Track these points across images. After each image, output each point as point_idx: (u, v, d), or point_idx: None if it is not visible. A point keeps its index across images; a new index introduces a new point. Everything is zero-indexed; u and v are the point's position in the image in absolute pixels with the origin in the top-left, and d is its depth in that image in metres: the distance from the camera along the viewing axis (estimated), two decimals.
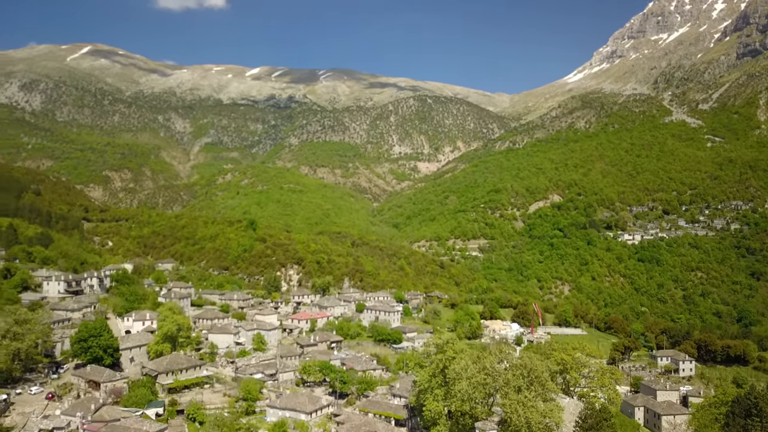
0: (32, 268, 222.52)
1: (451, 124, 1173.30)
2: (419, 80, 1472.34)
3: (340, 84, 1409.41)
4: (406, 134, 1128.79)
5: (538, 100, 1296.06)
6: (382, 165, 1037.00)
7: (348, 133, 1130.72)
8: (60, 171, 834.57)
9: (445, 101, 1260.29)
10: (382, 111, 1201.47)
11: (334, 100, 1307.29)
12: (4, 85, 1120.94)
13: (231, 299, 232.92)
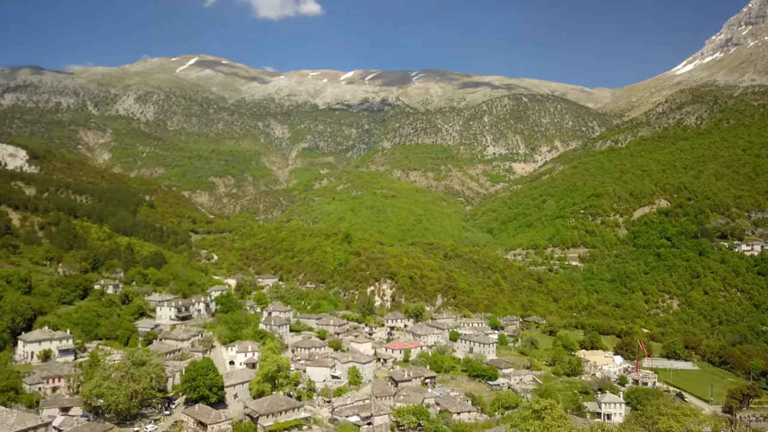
0: (146, 291, 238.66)
1: (548, 123, 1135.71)
2: (514, 78, 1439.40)
3: (433, 85, 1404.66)
4: (501, 134, 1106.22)
5: (643, 94, 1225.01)
6: (476, 167, 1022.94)
7: (440, 134, 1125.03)
8: (170, 178, 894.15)
9: (542, 99, 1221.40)
10: (476, 111, 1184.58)
11: (427, 101, 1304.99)
12: (122, 97, 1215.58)
13: (327, 324, 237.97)
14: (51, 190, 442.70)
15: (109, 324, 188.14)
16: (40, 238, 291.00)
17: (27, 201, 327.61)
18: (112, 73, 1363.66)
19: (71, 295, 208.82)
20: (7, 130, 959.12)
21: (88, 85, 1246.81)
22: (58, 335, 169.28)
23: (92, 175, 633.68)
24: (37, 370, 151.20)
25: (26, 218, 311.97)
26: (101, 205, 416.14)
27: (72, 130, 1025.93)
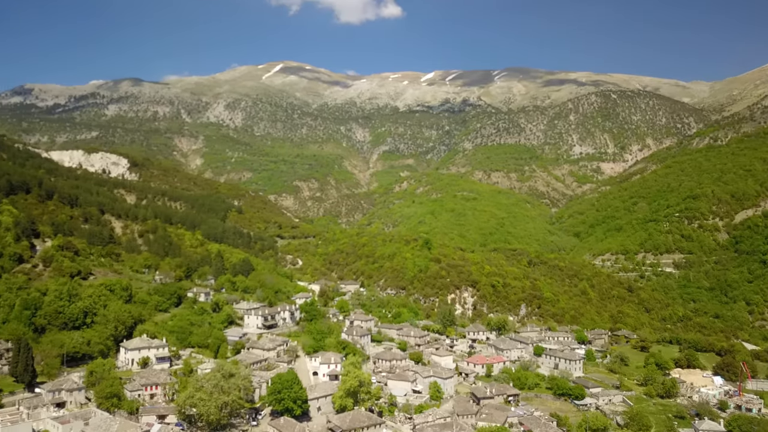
0: (235, 299, 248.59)
1: (639, 120, 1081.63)
2: (601, 73, 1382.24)
3: (515, 83, 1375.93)
4: (588, 133, 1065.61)
5: (746, 87, 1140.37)
6: (561, 167, 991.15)
7: (524, 134, 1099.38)
8: (257, 182, 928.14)
9: (632, 95, 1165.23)
10: (561, 109, 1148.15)
11: (509, 100, 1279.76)
12: (213, 105, 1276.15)
13: (408, 336, 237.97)
14: (149, 198, 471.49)
15: (201, 332, 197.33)
16: (139, 245, 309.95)
17: (128, 210, 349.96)
18: (203, 82, 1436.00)
19: (167, 303, 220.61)
20: (111, 139, 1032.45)
21: (182, 95, 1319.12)
22: (156, 343, 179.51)
23: (185, 181, 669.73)
24: (137, 377, 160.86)
25: (127, 226, 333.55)
26: (194, 213, 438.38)
27: (168, 137, 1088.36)
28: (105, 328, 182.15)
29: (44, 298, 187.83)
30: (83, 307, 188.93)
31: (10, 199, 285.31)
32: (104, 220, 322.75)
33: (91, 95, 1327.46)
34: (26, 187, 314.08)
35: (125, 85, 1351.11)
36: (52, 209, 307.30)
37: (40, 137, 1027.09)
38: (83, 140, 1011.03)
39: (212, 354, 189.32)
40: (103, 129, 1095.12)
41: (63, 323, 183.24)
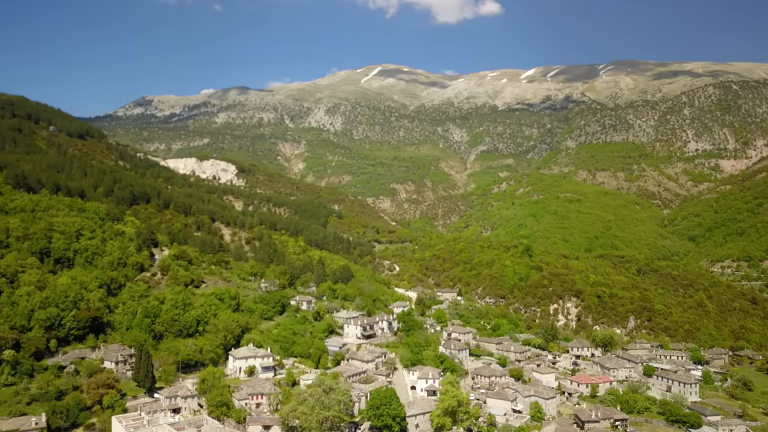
0: (335, 307, 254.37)
1: (765, 112, 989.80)
2: (720, 62, 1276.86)
3: (623, 77, 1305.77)
4: (704, 128, 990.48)
5: None
6: (674, 165, 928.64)
7: (632, 131, 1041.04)
8: (356, 185, 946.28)
9: (756, 85, 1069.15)
10: (674, 103, 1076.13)
11: (616, 95, 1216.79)
12: (314, 110, 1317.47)
13: (508, 350, 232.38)
14: (255, 204, 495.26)
15: (304, 342, 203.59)
16: (246, 252, 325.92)
17: (236, 218, 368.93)
18: (305, 88, 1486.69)
19: (272, 311, 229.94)
20: (220, 145, 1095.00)
21: (285, 101, 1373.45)
22: (261, 353, 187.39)
23: (288, 186, 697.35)
24: (244, 386, 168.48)
25: (235, 233, 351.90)
26: (296, 219, 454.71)
27: (272, 142, 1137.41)
28: (215, 337, 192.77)
29: (162, 306, 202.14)
30: (196, 316, 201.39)
31: (132, 210, 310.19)
32: (214, 227, 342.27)
33: (202, 104, 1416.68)
34: (146, 197, 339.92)
35: (233, 93, 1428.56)
36: (168, 218, 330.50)
37: (158, 145, 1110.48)
38: (196, 147, 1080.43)
39: (314, 364, 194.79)
40: (213, 136, 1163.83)
41: (178, 330, 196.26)
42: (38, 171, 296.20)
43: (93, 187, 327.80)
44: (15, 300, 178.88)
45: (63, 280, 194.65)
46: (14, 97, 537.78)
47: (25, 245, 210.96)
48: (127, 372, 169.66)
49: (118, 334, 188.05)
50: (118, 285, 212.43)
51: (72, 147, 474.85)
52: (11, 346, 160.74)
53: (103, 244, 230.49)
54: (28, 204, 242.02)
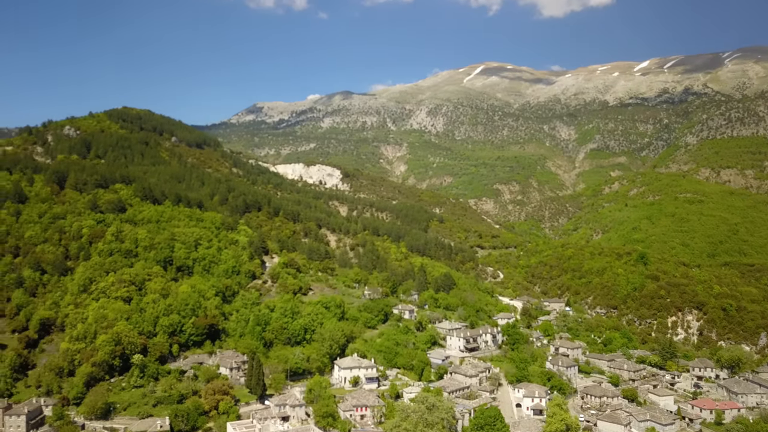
0: (437, 317, 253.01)
1: None
2: None
3: (752, 65, 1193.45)
4: None
5: None
6: None
7: (763, 124, 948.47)
8: (458, 186, 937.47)
9: None
10: None
11: (743, 85, 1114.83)
12: (416, 112, 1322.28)
13: (621, 368, 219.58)
14: (359, 209, 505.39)
15: (406, 354, 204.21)
16: (350, 258, 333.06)
17: (341, 224, 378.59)
18: (407, 90, 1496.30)
19: (375, 320, 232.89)
20: (325, 150, 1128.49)
21: (388, 104, 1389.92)
22: (365, 363, 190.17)
23: (390, 190, 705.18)
24: (349, 397, 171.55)
25: (340, 240, 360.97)
26: (398, 224, 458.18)
27: (375, 146, 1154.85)
28: (321, 346, 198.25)
29: (272, 314, 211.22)
30: (303, 324, 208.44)
31: (245, 218, 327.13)
32: (321, 234, 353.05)
33: (309, 110, 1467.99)
34: (258, 205, 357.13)
35: (337, 98, 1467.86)
36: (278, 225, 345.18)
37: (268, 150, 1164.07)
38: (303, 151, 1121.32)
39: (417, 377, 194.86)
40: (319, 140, 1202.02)
41: (287, 338, 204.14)
42: (162, 183, 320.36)
43: (210, 196, 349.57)
44: (143, 306, 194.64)
45: (183, 288, 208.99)
46: (142, 111, 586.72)
47: (151, 254, 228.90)
48: (240, 378, 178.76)
49: (232, 340, 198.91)
50: (232, 292, 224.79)
51: (191, 156, 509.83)
52: (139, 350, 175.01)
53: (219, 252, 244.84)
54: (153, 215, 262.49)
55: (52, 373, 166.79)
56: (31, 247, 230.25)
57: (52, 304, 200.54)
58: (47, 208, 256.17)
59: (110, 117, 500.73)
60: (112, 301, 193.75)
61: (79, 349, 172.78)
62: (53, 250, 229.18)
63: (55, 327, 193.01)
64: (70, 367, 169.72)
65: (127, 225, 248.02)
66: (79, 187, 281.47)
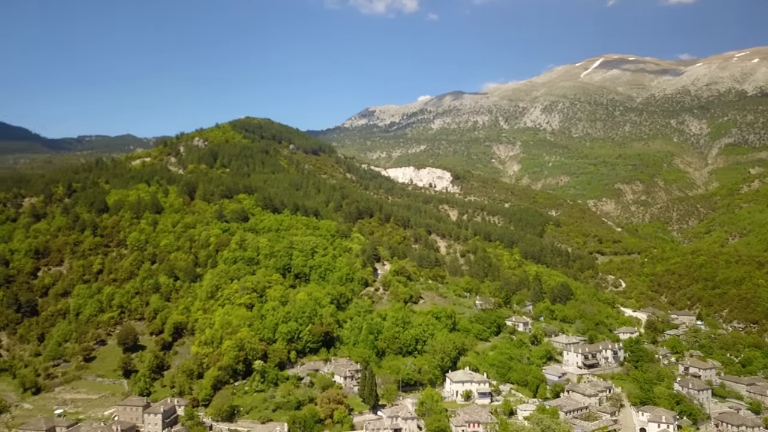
0: (553, 330, 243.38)
1: None
2: None
3: None
4: None
5: None
6: None
7: None
8: (575, 186, 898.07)
9: None
10: None
11: None
12: (530, 110, 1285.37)
13: (763, 394, 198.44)
14: (469, 213, 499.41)
15: (520, 369, 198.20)
16: (461, 265, 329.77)
17: (451, 230, 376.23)
18: (520, 88, 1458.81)
19: (487, 332, 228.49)
20: (436, 151, 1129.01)
21: (500, 102, 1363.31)
22: (477, 377, 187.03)
23: (503, 192, 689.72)
24: (461, 411, 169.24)
25: (450, 246, 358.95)
26: (511, 229, 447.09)
27: (486, 145, 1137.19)
28: (433, 358, 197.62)
29: (384, 323, 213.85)
30: (415, 335, 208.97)
31: (358, 224, 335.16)
32: (431, 240, 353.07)
33: (419, 111, 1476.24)
34: (370, 211, 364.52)
35: (448, 99, 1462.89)
36: (389, 231, 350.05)
37: (379, 153, 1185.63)
38: (413, 153, 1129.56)
39: (531, 393, 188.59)
40: (429, 142, 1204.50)
41: (398, 348, 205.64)
42: (281, 192, 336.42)
43: (325, 203, 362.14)
44: (263, 313, 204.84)
45: (301, 295, 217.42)
46: (262, 121, 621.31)
47: (271, 262, 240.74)
48: (353, 387, 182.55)
49: (345, 348, 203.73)
50: (346, 300, 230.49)
51: (308, 163, 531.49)
52: (260, 356, 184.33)
53: (334, 260, 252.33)
54: (273, 224, 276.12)
55: (184, 375, 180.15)
56: (166, 255, 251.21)
57: (183, 309, 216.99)
58: (179, 218, 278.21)
59: (234, 127, 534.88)
60: (236, 308, 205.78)
61: (207, 354, 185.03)
62: (185, 257, 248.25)
63: (186, 331, 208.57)
64: (199, 370, 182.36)
65: (250, 234, 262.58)
66: (207, 197, 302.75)
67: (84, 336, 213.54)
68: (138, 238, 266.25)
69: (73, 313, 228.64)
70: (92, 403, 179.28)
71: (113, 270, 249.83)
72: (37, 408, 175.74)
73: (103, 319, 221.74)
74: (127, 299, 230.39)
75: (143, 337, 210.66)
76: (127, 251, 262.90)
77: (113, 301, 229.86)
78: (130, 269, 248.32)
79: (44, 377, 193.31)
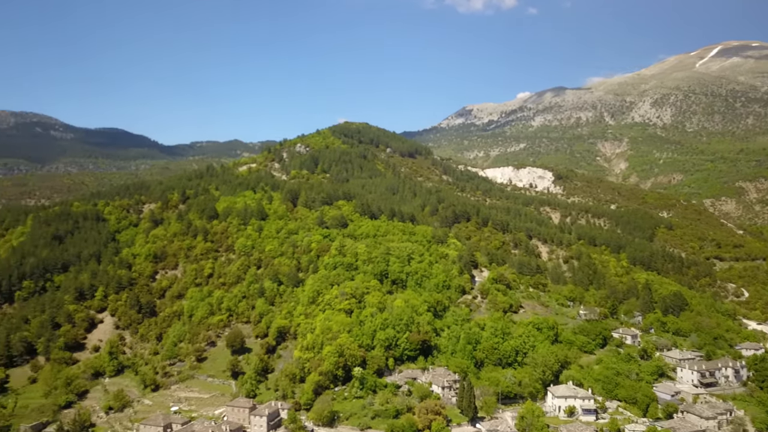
0: (665, 344, 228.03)
1: None
2: None
3: None
4: None
5: None
6: None
7: None
8: (690, 185, 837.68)
9: None
10: None
11: None
12: (638, 104, 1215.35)
13: None
14: (572, 215, 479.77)
15: (629, 385, 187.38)
16: (563, 272, 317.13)
17: (553, 235, 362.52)
18: (627, 81, 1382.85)
19: (591, 344, 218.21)
20: (536, 150, 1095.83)
21: (605, 97, 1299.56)
22: (581, 393, 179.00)
23: (608, 192, 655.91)
24: (564, 428, 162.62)
25: (552, 251, 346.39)
26: (618, 232, 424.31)
27: (590, 143, 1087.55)
28: (534, 371, 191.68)
29: (482, 333, 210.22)
30: (515, 346, 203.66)
31: (454, 229, 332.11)
32: (531, 245, 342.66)
33: (518, 109, 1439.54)
34: (467, 215, 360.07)
35: (548, 95, 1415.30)
36: (487, 235, 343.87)
37: (477, 152, 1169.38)
38: (512, 152, 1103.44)
39: (640, 412, 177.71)
40: (529, 140, 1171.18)
41: (497, 359, 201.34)
42: (378, 198, 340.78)
43: (421, 207, 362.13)
44: (362, 319, 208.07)
45: (398, 302, 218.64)
46: (360, 125, 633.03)
47: (368, 268, 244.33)
48: (451, 398, 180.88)
49: (443, 357, 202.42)
50: (443, 307, 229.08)
51: (404, 166, 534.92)
52: (359, 363, 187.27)
53: (430, 267, 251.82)
54: (371, 230, 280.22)
55: (287, 379, 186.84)
56: (271, 260, 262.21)
57: (287, 314, 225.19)
58: (283, 225, 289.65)
59: (333, 133, 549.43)
60: (336, 313, 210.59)
61: (309, 358, 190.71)
62: (288, 263, 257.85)
63: (289, 335, 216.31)
64: (301, 374, 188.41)
65: (349, 240, 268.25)
66: (309, 204, 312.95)
67: (196, 337, 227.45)
68: (245, 244, 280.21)
69: (187, 314, 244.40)
70: (204, 402, 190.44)
71: (222, 274, 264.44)
72: (156, 404, 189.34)
73: (213, 322, 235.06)
74: (234, 303, 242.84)
75: (249, 339, 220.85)
76: (234, 256, 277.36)
77: (222, 305, 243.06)
78: (238, 274, 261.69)
79: (162, 375, 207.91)
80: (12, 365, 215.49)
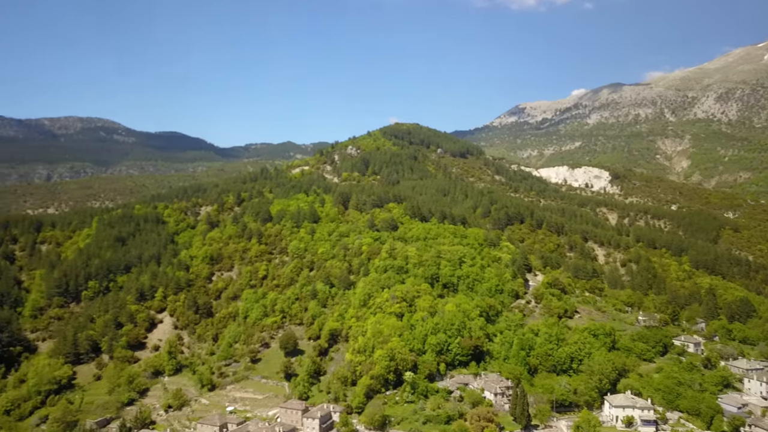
0: (731, 353, 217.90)
1: None
2: None
3: None
4: None
5: None
6: None
7: None
8: (758, 183, 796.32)
9: None
10: None
11: None
12: (701, 99, 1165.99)
13: None
14: (630, 216, 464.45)
15: (691, 396, 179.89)
16: (621, 276, 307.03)
17: (610, 238, 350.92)
18: (689, 76, 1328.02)
19: (651, 352, 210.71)
20: (592, 148, 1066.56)
21: (665, 93, 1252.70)
22: (640, 403, 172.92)
23: (669, 191, 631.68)
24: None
25: (609, 254, 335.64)
26: (679, 234, 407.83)
27: (650, 140, 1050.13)
28: (590, 379, 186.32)
29: (536, 339, 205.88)
30: (569, 353, 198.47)
31: (507, 230, 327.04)
32: (587, 248, 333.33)
33: (573, 107, 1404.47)
34: (520, 217, 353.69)
35: (605, 92, 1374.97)
36: (541, 237, 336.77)
37: (530, 151, 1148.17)
38: (567, 151, 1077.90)
39: (704, 425, 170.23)
40: (585, 138, 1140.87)
41: (552, 366, 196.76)
42: (429, 201, 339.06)
43: (473, 209, 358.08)
44: (413, 323, 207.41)
45: (449, 306, 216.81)
46: (411, 126, 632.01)
47: (419, 271, 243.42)
48: (504, 405, 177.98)
49: (496, 363, 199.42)
50: (496, 312, 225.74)
51: (455, 167, 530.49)
52: (410, 367, 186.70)
53: (482, 270, 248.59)
54: (421, 233, 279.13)
55: (339, 382, 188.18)
56: (323, 263, 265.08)
57: (338, 316, 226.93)
58: (335, 227, 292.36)
59: (384, 134, 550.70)
60: (386, 317, 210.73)
61: (360, 362, 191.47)
62: (339, 265, 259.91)
63: (341, 338, 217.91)
64: (352, 378, 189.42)
65: (399, 242, 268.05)
66: (360, 207, 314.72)
67: (251, 338, 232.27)
68: (298, 246, 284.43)
69: (242, 316, 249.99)
70: (258, 403, 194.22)
71: (276, 276, 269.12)
72: (212, 404, 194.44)
73: (267, 323, 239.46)
74: (288, 305, 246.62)
75: (302, 341, 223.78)
76: (288, 258, 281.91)
77: (276, 306, 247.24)
78: (291, 276, 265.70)
79: (218, 375, 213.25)
80: (79, 362, 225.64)
